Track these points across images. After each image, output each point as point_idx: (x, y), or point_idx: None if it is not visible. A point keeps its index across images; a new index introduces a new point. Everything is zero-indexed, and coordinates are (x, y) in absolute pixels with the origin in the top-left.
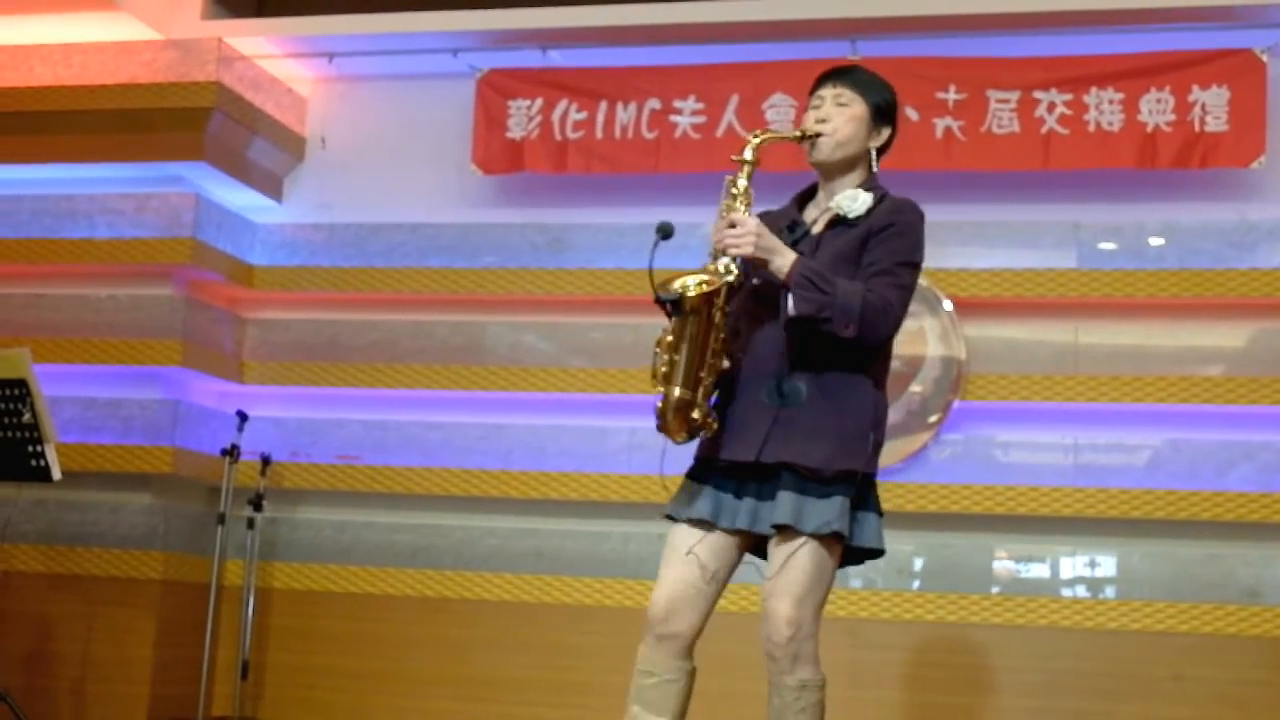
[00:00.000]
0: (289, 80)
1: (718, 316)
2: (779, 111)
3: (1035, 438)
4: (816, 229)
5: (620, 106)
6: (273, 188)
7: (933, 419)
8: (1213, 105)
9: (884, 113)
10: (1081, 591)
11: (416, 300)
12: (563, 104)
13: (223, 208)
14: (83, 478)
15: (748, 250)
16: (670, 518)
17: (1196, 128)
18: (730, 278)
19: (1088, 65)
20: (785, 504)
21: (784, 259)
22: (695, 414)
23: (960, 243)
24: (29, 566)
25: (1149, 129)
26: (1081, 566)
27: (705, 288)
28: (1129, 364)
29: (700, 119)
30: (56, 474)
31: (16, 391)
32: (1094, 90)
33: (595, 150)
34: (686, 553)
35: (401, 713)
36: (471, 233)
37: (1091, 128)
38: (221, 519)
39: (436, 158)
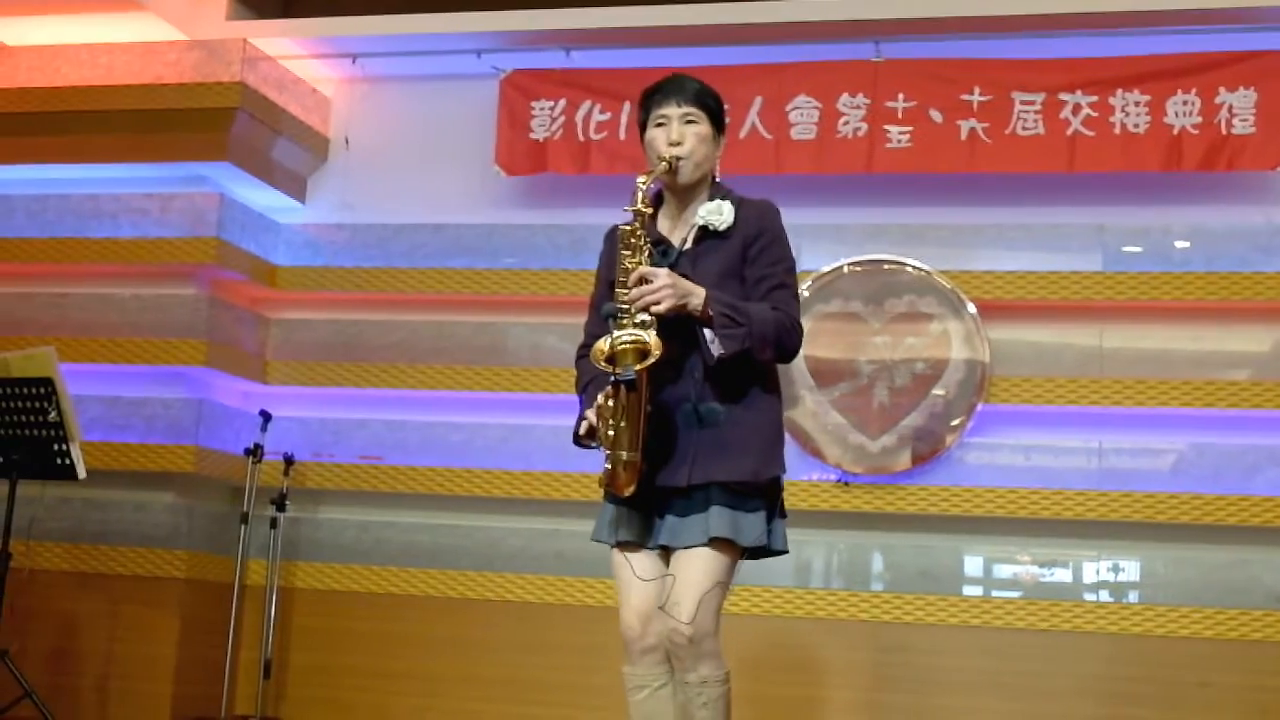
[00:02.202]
0: (313, 81)
1: (647, 379)
2: (802, 113)
3: (1060, 441)
4: (685, 245)
5: None
6: (296, 188)
7: (956, 422)
8: (1240, 107)
9: (722, 125)
10: (1105, 596)
11: (439, 301)
12: (586, 105)
13: (246, 208)
14: (107, 476)
15: (668, 305)
16: (601, 542)
17: (1223, 130)
18: (655, 345)
19: (1113, 67)
20: (720, 519)
21: (697, 298)
22: (641, 468)
23: (984, 245)
24: (54, 564)
25: (1175, 131)
26: (1105, 571)
27: (648, 361)
28: (1154, 368)
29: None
30: (82, 472)
31: (42, 390)
32: (1120, 92)
33: (618, 151)
34: (635, 573)
35: (422, 712)
36: (494, 233)
37: (1117, 130)
38: (245, 518)
39: (459, 158)
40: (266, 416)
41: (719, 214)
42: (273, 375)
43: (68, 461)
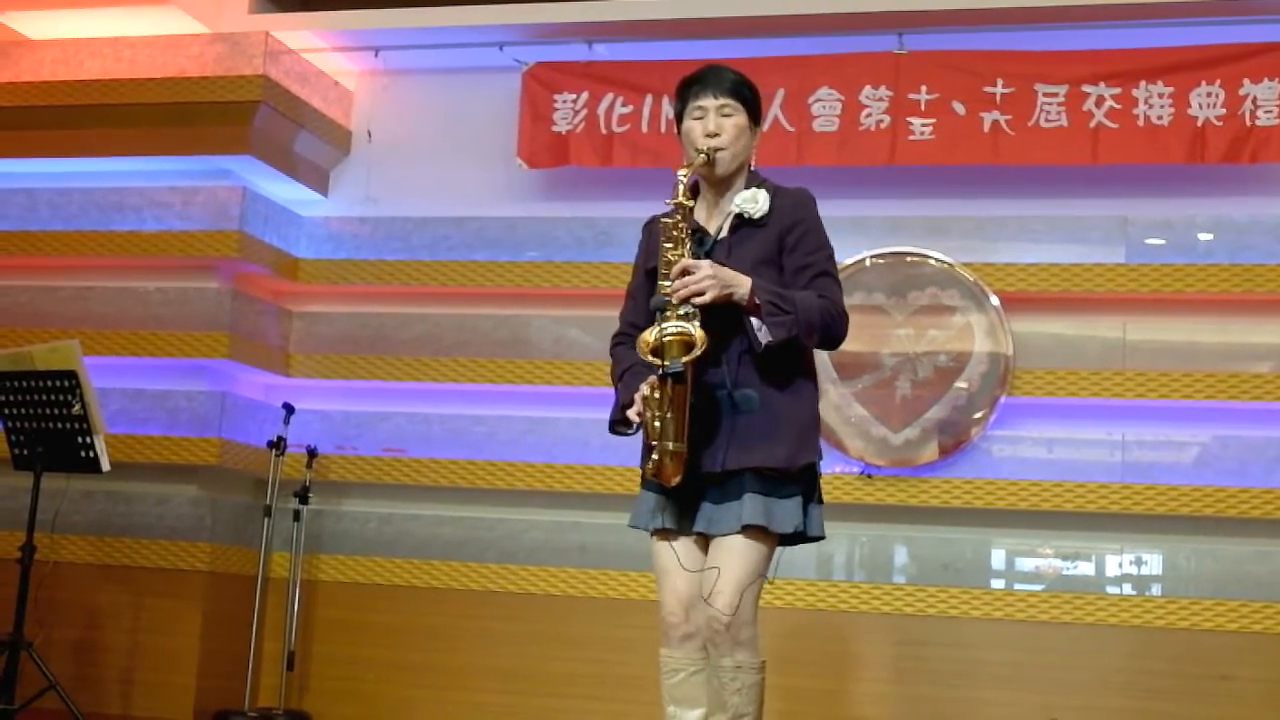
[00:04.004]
0: (335, 74)
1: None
2: (825, 105)
3: (1083, 434)
4: (721, 233)
5: (666, 100)
6: (318, 181)
7: (979, 415)
8: (1264, 99)
9: (758, 115)
10: (1129, 589)
11: (461, 294)
12: (608, 97)
13: (269, 201)
14: (131, 469)
15: (712, 296)
16: (640, 529)
17: (1247, 122)
18: (700, 338)
19: (1137, 59)
20: (754, 506)
21: (742, 288)
22: (686, 457)
23: (1008, 238)
24: (78, 557)
25: (1199, 123)
26: (1129, 564)
27: (695, 354)
28: (1178, 360)
29: None
30: (106, 465)
31: (66, 383)
32: (1143, 84)
33: (640, 144)
34: (675, 560)
35: (445, 705)
36: (516, 226)
37: (1141, 122)
38: (268, 511)
39: (482, 151)
40: (289, 409)
41: (754, 202)
42: (295, 368)
43: (92, 454)
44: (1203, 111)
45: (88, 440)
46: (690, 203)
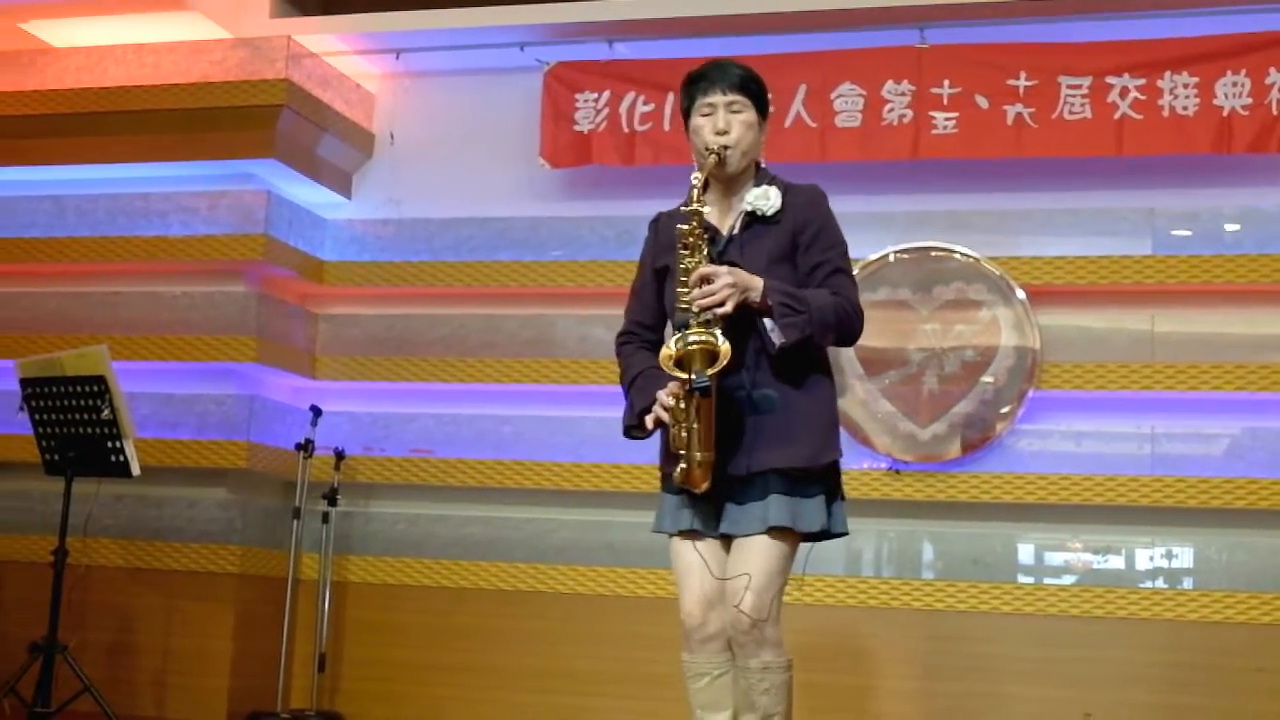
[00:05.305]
0: (357, 77)
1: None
2: (847, 101)
3: (1112, 427)
4: (733, 231)
5: None
6: (342, 184)
7: (1006, 409)
8: None
9: (766, 110)
10: (1159, 582)
11: (486, 294)
12: (629, 96)
13: (293, 204)
14: (160, 473)
15: (733, 305)
16: (663, 533)
17: (1274, 111)
18: (725, 349)
19: (1161, 49)
20: (779, 507)
21: (755, 291)
22: (713, 465)
23: (1033, 231)
24: (110, 560)
25: (1225, 113)
26: (1159, 557)
27: (719, 365)
28: (1206, 352)
29: None
30: (135, 469)
31: (96, 388)
32: (1168, 74)
33: (663, 142)
34: (697, 561)
35: (475, 704)
36: (540, 226)
37: (1166, 113)
38: (297, 513)
39: (504, 152)
40: (317, 412)
41: (766, 200)
42: (322, 371)
43: (122, 459)
44: (1228, 101)
45: (118, 445)
46: (706, 209)
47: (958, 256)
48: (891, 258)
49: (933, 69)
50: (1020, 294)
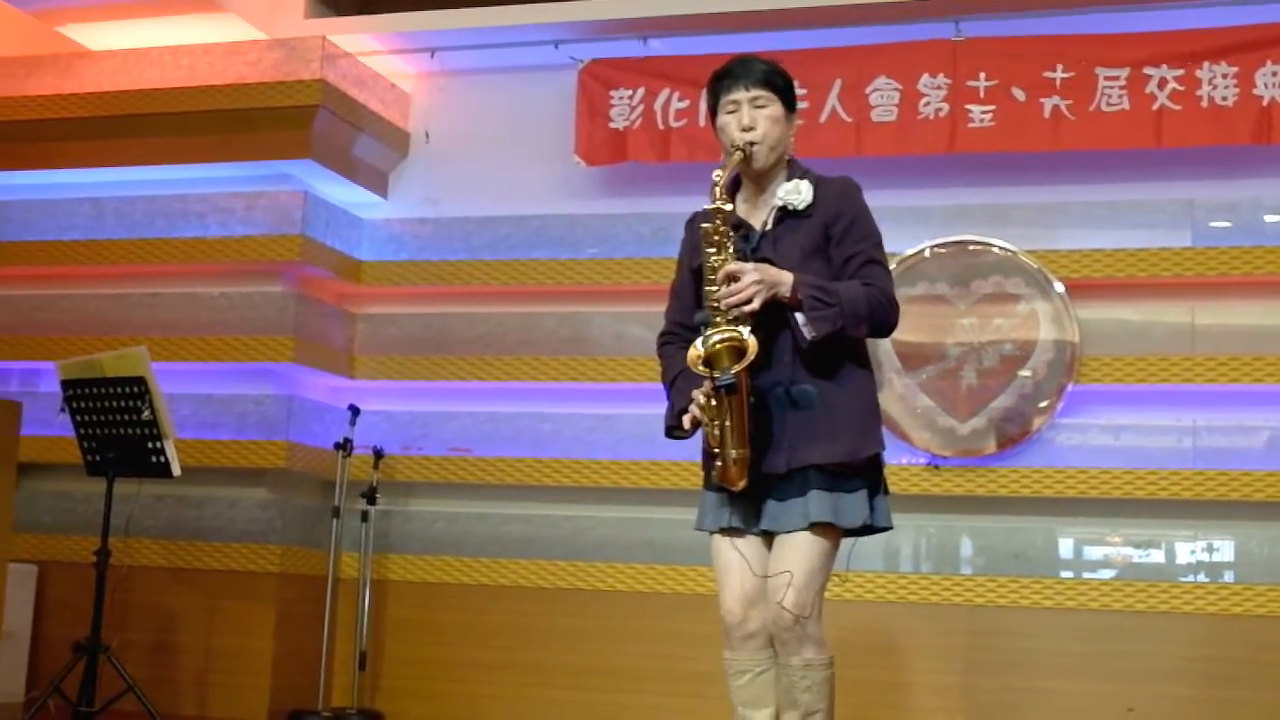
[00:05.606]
0: (392, 76)
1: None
2: (882, 95)
3: (1152, 420)
4: (766, 226)
5: None
6: (378, 183)
7: (1045, 403)
8: None
9: (793, 103)
10: (1201, 576)
11: (522, 292)
12: (664, 93)
13: (330, 204)
14: (200, 473)
15: (760, 302)
16: (705, 531)
17: None
18: (752, 344)
19: (1200, 39)
20: (820, 502)
21: (785, 286)
22: (749, 461)
23: (1071, 224)
24: (151, 560)
25: (1265, 103)
26: (1201, 551)
27: (745, 361)
28: (1247, 344)
29: (803, 104)
30: (176, 470)
31: (135, 389)
32: (1207, 65)
33: (698, 138)
34: (737, 558)
35: (515, 702)
36: (576, 224)
37: (1204, 103)
38: (336, 512)
39: (540, 150)
40: (355, 411)
41: (797, 193)
42: (360, 370)
43: (162, 459)
44: (1268, 91)
45: (158, 445)
46: (729, 205)
47: (995, 250)
48: (928, 252)
49: (968, 62)
50: (1059, 287)
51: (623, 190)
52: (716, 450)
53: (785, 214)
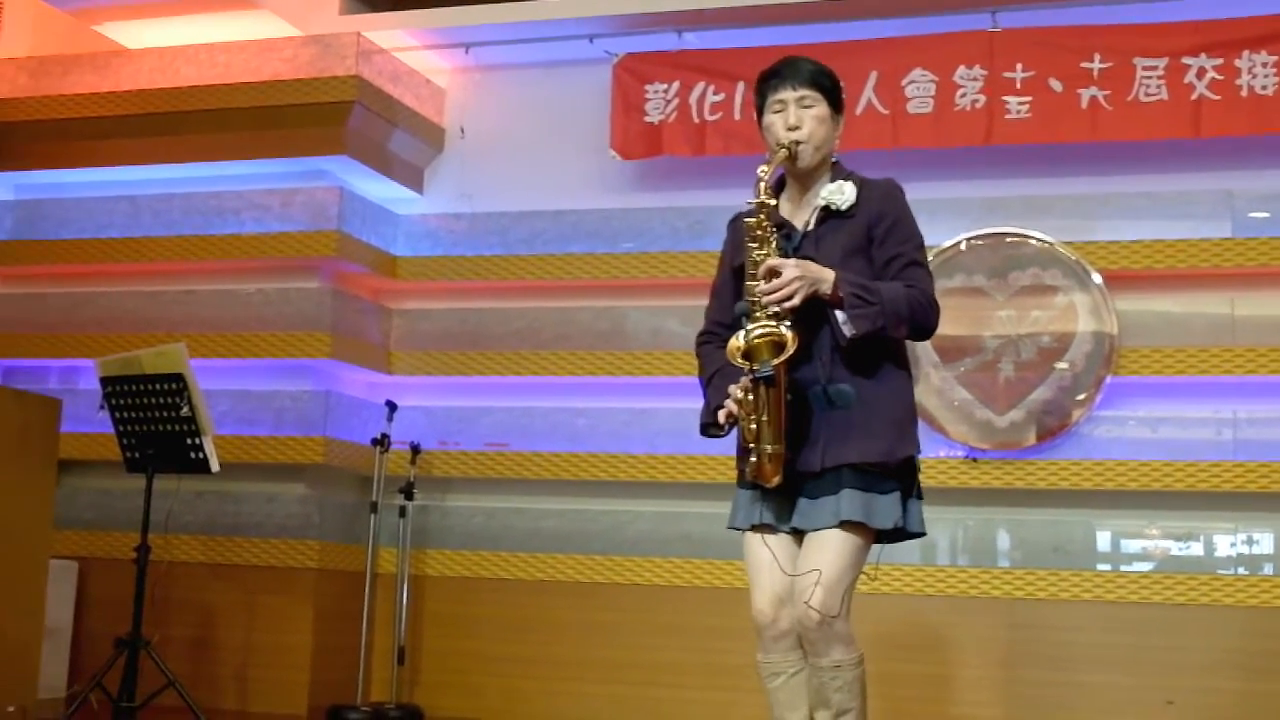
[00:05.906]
0: (427, 72)
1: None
2: (918, 87)
3: (1192, 412)
4: (808, 226)
5: None
6: (414, 179)
7: (1084, 395)
8: None
9: (839, 104)
10: (1241, 569)
11: (558, 287)
12: (699, 86)
13: (366, 200)
14: (239, 469)
15: (802, 297)
16: (738, 529)
17: None
18: (791, 338)
19: (1239, 28)
20: (852, 502)
21: (826, 283)
22: (785, 456)
23: (1109, 215)
24: (190, 556)
25: None
26: (1241, 543)
27: (785, 355)
28: None
29: None
30: (215, 465)
31: (174, 386)
32: (1246, 54)
33: (733, 132)
34: (768, 557)
35: (553, 696)
36: (611, 218)
37: (1244, 93)
38: (374, 507)
39: (575, 144)
40: (392, 406)
41: (841, 194)
42: (396, 365)
43: (201, 455)
44: None
45: (197, 441)
46: (773, 201)
47: (1033, 242)
48: (965, 244)
49: (1005, 53)
50: (1097, 278)
51: (658, 184)
52: (752, 445)
53: (828, 214)
